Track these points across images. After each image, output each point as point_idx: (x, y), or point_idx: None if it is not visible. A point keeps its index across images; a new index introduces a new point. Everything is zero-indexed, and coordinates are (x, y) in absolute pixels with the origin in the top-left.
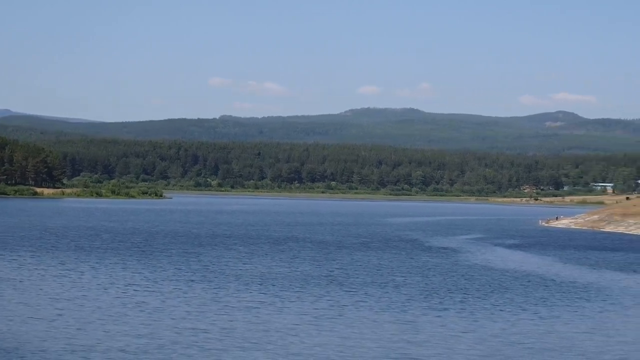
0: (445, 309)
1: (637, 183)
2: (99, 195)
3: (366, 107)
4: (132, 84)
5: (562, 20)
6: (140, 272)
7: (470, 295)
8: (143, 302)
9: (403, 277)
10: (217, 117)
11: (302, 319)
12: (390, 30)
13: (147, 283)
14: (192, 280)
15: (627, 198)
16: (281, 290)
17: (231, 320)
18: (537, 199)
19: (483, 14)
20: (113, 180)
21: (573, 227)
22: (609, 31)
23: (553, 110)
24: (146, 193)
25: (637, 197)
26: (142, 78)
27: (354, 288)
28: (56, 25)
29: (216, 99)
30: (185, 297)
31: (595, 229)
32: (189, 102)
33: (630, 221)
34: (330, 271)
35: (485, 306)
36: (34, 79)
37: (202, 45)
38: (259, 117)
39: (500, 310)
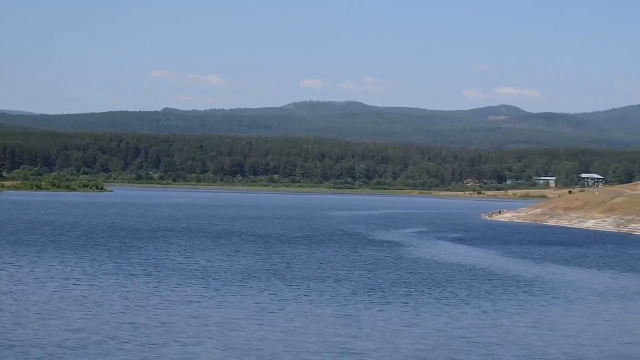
0: (389, 303)
1: (580, 177)
2: (39, 188)
3: (309, 100)
4: (73, 76)
5: (505, 14)
6: (79, 266)
7: (413, 289)
8: (82, 296)
9: (346, 271)
10: (159, 109)
11: (243, 313)
12: (333, 24)
13: (86, 277)
14: (132, 274)
15: (570, 192)
16: (222, 284)
17: (171, 315)
18: (480, 193)
19: (426, 7)
20: (53, 173)
21: (516, 220)
22: (552, 25)
23: (496, 105)
24: (87, 186)
25: (580, 190)
26: (84, 70)
27: (296, 282)
28: None
29: (158, 92)
30: (124, 291)
31: (537, 222)
32: (130, 94)
33: (573, 215)
34: (273, 265)
35: (429, 300)
36: None
37: (144, 37)
38: (201, 110)
39: (444, 304)
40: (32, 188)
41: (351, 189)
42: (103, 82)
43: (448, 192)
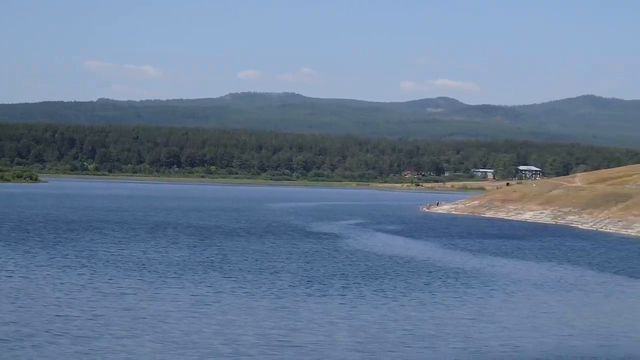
0: (326, 296)
1: (517, 169)
2: None
3: (246, 91)
4: (7, 65)
5: (442, 5)
6: (11, 258)
7: (351, 282)
8: (14, 288)
9: (283, 263)
10: (95, 100)
11: (178, 306)
12: (270, 14)
13: (19, 269)
14: (66, 266)
15: (508, 184)
16: (158, 277)
17: (105, 307)
18: (418, 185)
19: None
20: None
21: (454, 212)
22: (489, 18)
23: (434, 97)
24: (21, 177)
25: (518, 183)
26: (17, 60)
27: (233, 274)
28: None
29: (93, 82)
30: (58, 284)
31: (475, 214)
32: (65, 85)
33: (510, 207)
34: (209, 257)
35: (367, 292)
36: None
37: (78, 27)
38: (137, 100)
39: (382, 296)
40: None
41: (289, 180)
42: (36, 72)
43: (386, 184)
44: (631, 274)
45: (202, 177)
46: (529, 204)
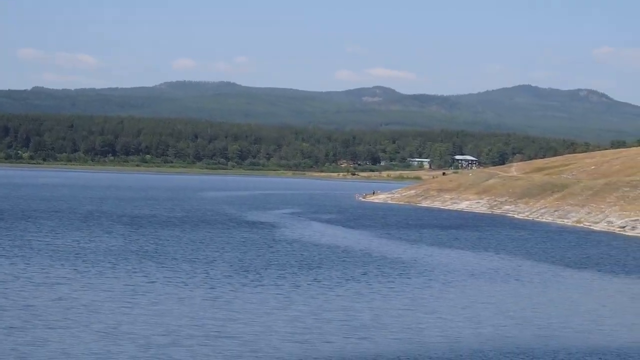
0: (262, 286)
1: (454, 159)
2: None
3: (182, 80)
4: None
5: None
6: None
7: (287, 272)
8: None
9: (218, 252)
10: (29, 88)
11: (112, 296)
12: (205, 3)
13: None
14: None
15: (444, 173)
16: (91, 266)
17: (37, 297)
18: (354, 174)
19: None
20: None
21: (390, 202)
22: (425, 7)
23: (370, 86)
24: None
25: (454, 172)
26: None
27: (167, 264)
28: None
29: (27, 71)
30: None
31: (411, 203)
32: None
33: (446, 196)
34: (143, 247)
35: (303, 282)
36: None
37: (12, 16)
38: (72, 89)
39: (319, 286)
40: None
41: (224, 169)
42: None
43: (322, 173)
44: (568, 264)
45: (137, 166)
46: (465, 194)
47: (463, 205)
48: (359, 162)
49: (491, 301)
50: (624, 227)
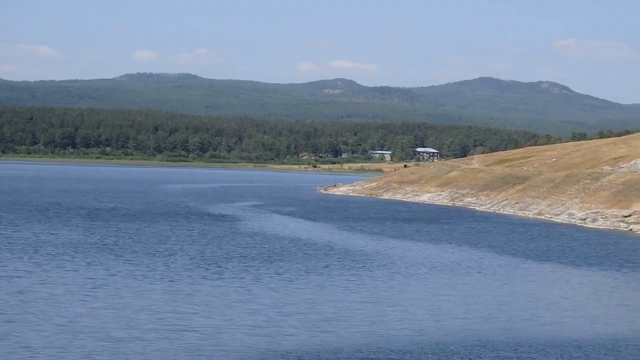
0: (223, 278)
1: (415, 151)
2: None
3: (142, 72)
4: None
5: None
6: None
7: (249, 264)
8: None
9: (180, 245)
10: None
11: (71, 289)
12: None
13: None
14: None
15: (405, 166)
16: (49, 259)
17: None
18: (315, 166)
19: None
20: None
21: (351, 194)
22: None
23: (331, 78)
24: None
25: (415, 164)
26: None
27: (127, 257)
28: None
29: None
30: None
31: (373, 196)
32: None
33: (408, 189)
34: (103, 239)
35: (264, 275)
36: None
37: None
38: (32, 80)
39: (280, 279)
40: None
41: (185, 162)
42: None
43: (283, 166)
44: (530, 256)
45: (98, 158)
46: (426, 186)
47: (424, 198)
48: (320, 155)
49: (454, 294)
50: (584, 219)
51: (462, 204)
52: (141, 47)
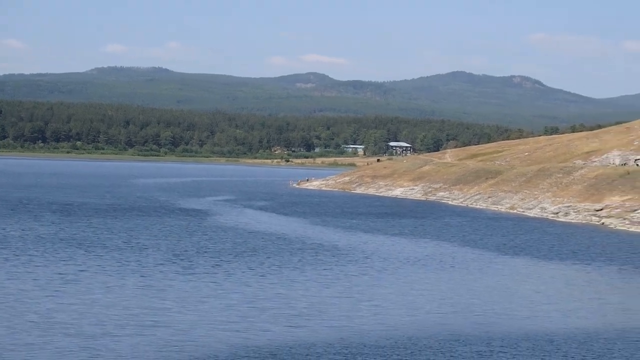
0: (195, 274)
1: (388, 145)
2: None
3: (113, 65)
4: None
5: None
6: None
7: (222, 259)
8: None
9: (152, 240)
10: None
11: (41, 284)
12: None
13: None
14: None
15: (378, 160)
16: (19, 254)
17: None
18: (288, 161)
19: None
20: None
21: (324, 188)
22: None
23: (304, 72)
24: None
25: (388, 159)
26: None
27: (98, 252)
28: None
29: None
30: None
31: (346, 190)
32: None
33: (381, 183)
34: (74, 234)
35: (238, 270)
36: None
37: None
38: (0, 74)
39: (253, 274)
40: None
41: (157, 156)
42: None
43: (256, 160)
44: (503, 251)
45: (68, 152)
46: (399, 180)
47: (397, 192)
48: (292, 149)
49: (427, 288)
50: (557, 213)
51: (435, 198)
52: (111, 40)
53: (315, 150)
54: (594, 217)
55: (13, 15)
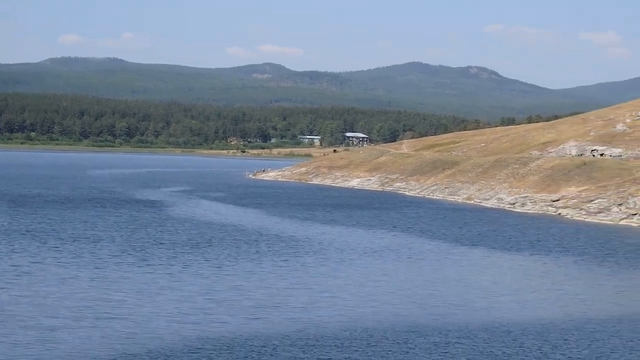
0: (151, 265)
1: (345, 136)
2: None
3: (67, 56)
4: None
5: None
6: None
7: (178, 250)
8: None
9: (107, 231)
10: None
11: None
12: None
13: None
14: None
15: (335, 151)
16: None
17: None
18: (244, 151)
19: None
20: None
21: (280, 179)
22: None
23: (260, 63)
24: None
25: (344, 150)
26: None
27: (52, 243)
28: None
29: None
30: None
31: (302, 181)
32: None
33: (337, 174)
34: (28, 226)
35: (193, 262)
36: None
37: None
38: None
39: (209, 265)
40: None
41: (112, 147)
42: None
43: (212, 151)
44: (461, 241)
45: (22, 143)
46: (356, 171)
47: (354, 183)
48: (249, 140)
49: (385, 279)
50: (513, 203)
51: (391, 188)
52: (66, 31)
53: (272, 141)
54: (550, 208)
55: None
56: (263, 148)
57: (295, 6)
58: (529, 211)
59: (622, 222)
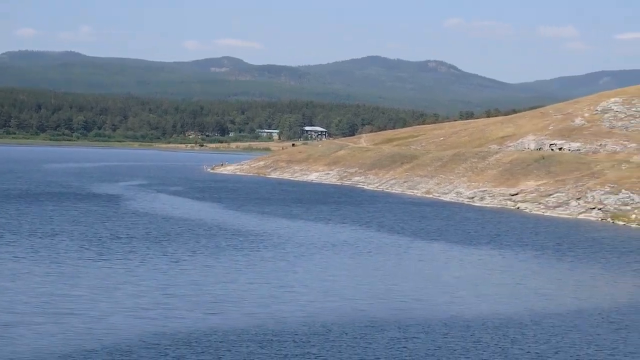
0: (108, 260)
1: (303, 130)
2: None
3: (24, 49)
4: None
5: None
6: None
7: (134, 246)
8: None
9: (63, 226)
10: None
11: None
12: None
13: None
14: None
15: (293, 145)
16: None
17: None
18: (202, 145)
19: None
20: None
21: (239, 173)
22: None
23: (218, 56)
24: None
25: (303, 143)
26: None
27: (7, 238)
28: None
29: None
30: None
31: (261, 175)
32: None
33: (296, 168)
34: None
35: (151, 256)
36: None
37: None
38: None
39: (167, 260)
40: None
41: (69, 141)
42: None
43: (170, 145)
44: (420, 236)
45: None
46: (314, 165)
47: (313, 177)
48: (207, 133)
49: (344, 274)
50: (472, 197)
51: (350, 182)
52: (23, 24)
53: (230, 135)
54: (509, 202)
55: None
56: (221, 142)
57: (252, 1)
58: (488, 205)
59: (581, 216)
